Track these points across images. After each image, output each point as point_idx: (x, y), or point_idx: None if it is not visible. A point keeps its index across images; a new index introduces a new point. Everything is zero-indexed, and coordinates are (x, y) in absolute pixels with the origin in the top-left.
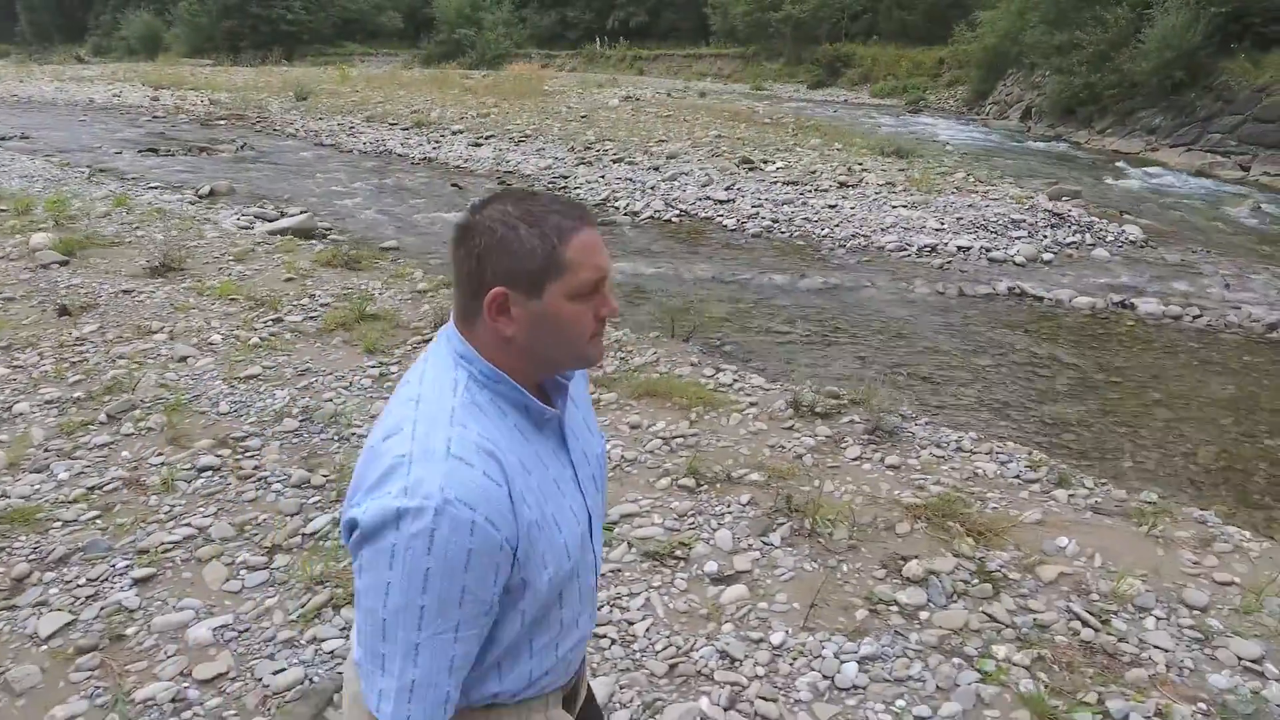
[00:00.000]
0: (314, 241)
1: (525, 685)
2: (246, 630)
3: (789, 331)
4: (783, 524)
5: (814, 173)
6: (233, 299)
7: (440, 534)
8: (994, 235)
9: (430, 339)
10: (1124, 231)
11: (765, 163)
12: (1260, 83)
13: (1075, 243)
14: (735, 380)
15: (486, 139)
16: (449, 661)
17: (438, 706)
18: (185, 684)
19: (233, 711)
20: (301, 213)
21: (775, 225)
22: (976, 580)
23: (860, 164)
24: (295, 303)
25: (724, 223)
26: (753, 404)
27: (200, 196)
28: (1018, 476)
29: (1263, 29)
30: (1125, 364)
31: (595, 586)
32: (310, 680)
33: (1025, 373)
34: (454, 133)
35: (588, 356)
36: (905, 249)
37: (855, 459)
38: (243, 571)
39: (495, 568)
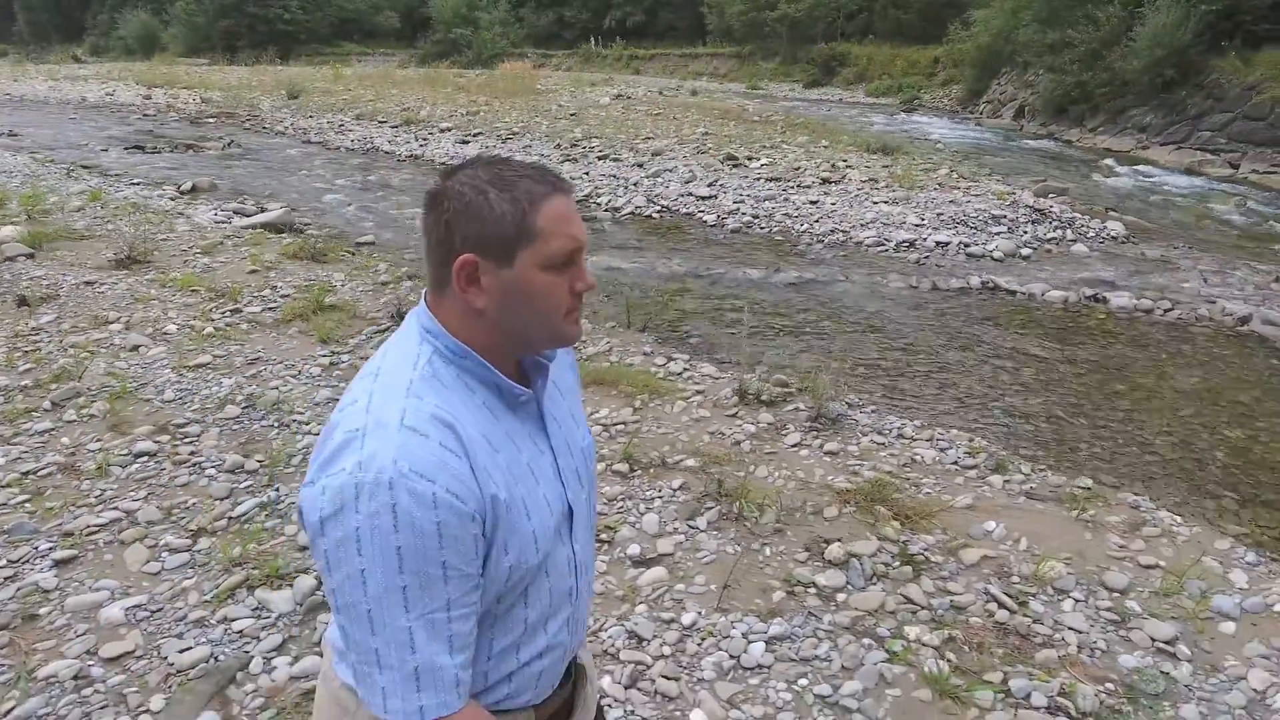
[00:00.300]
0: (283, 235)
1: (480, 690)
2: (159, 610)
3: (757, 325)
4: (711, 508)
5: (798, 169)
6: (194, 290)
7: (402, 508)
8: (973, 231)
9: (387, 328)
10: (1106, 227)
11: (750, 160)
12: (1250, 81)
13: (1056, 238)
14: (685, 369)
15: (474, 136)
16: (447, 642)
17: (449, 690)
18: (90, 662)
19: (134, 689)
20: (280, 208)
21: (755, 221)
22: (898, 563)
23: (845, 161)
24: (256, 294)
25: (704, 219)
26: (699, 392)
27: (181, 192)
28: (955, 462)
29: (1253, 27)
30: (1092, 356)
31: (575, 594)
32: (215, 659)
33: (991, 365)
34: (442, 130)
35: (564, 334)
36: (883, 244)
37: (794, 445)
38: (165, 554)
39: (473, 539)
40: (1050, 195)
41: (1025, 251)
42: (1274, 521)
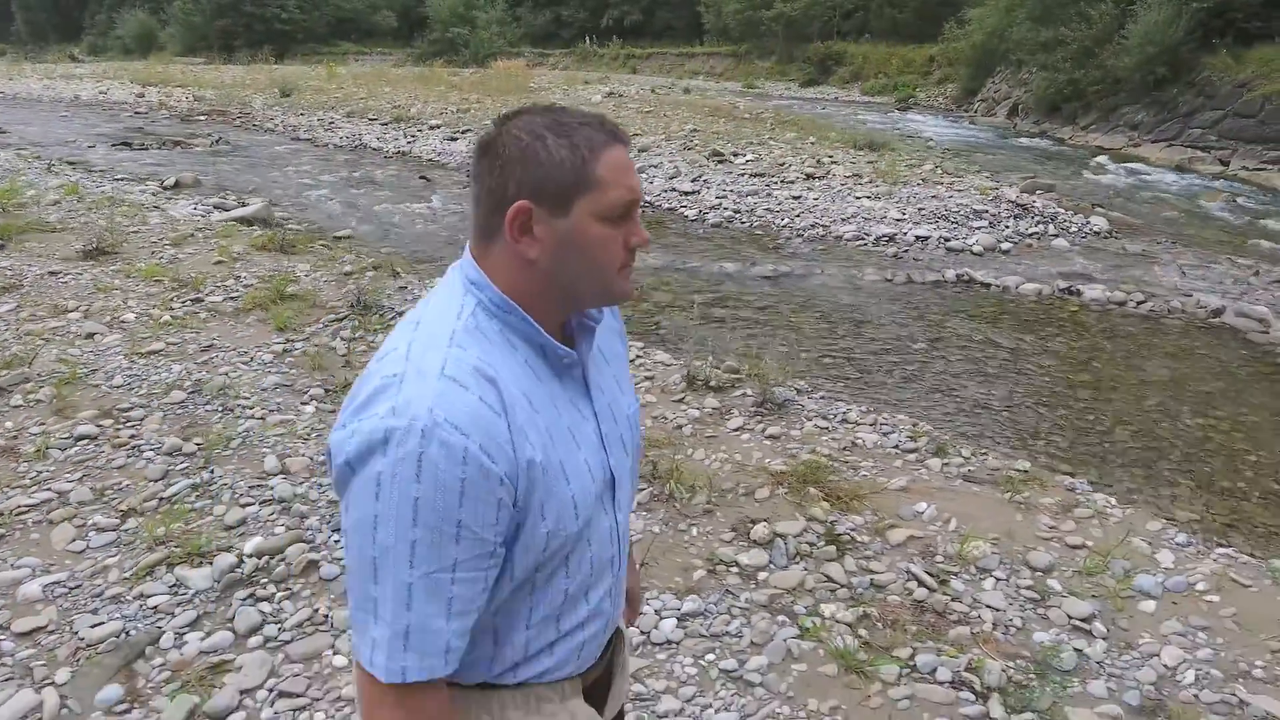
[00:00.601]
0: (254, 228)
1: (522, 659)
2: (78, 587)
3: (726, 316)
4: (643, 489)
5: (783, 165)
6: (157, 280)
7: (429, 458)
8: (954, 225)
9: (345, 317)
10: (1089, 223)
11: (735, 156)
12: (1241, 78)
13: (1037, 233)
14: (638, 356)
15: (463, 133)
16: (446, 604)
17: (437, 655)
18: (1, 636)
19: (41, 662)
20: (259, 203)
21: (737, 216)
22: (823, 542)
23: (830, 156)
24: (219, 284)
25: (685, 213)
26: (649, 378)
27: (164, 188)
28: (897, 446)
29: (1245, 24)
30: (1060, 348)
31: (615, 563)
32: (127, 634)
33: (958, 355)
34: (431, 127)
35: (616, 289)
36: (863, 238)
37: (736, 429)
38: (92, 533)
39: (496, 504)
40: (1038, 192)
41: (1005, 246)
42: (1225, 508)
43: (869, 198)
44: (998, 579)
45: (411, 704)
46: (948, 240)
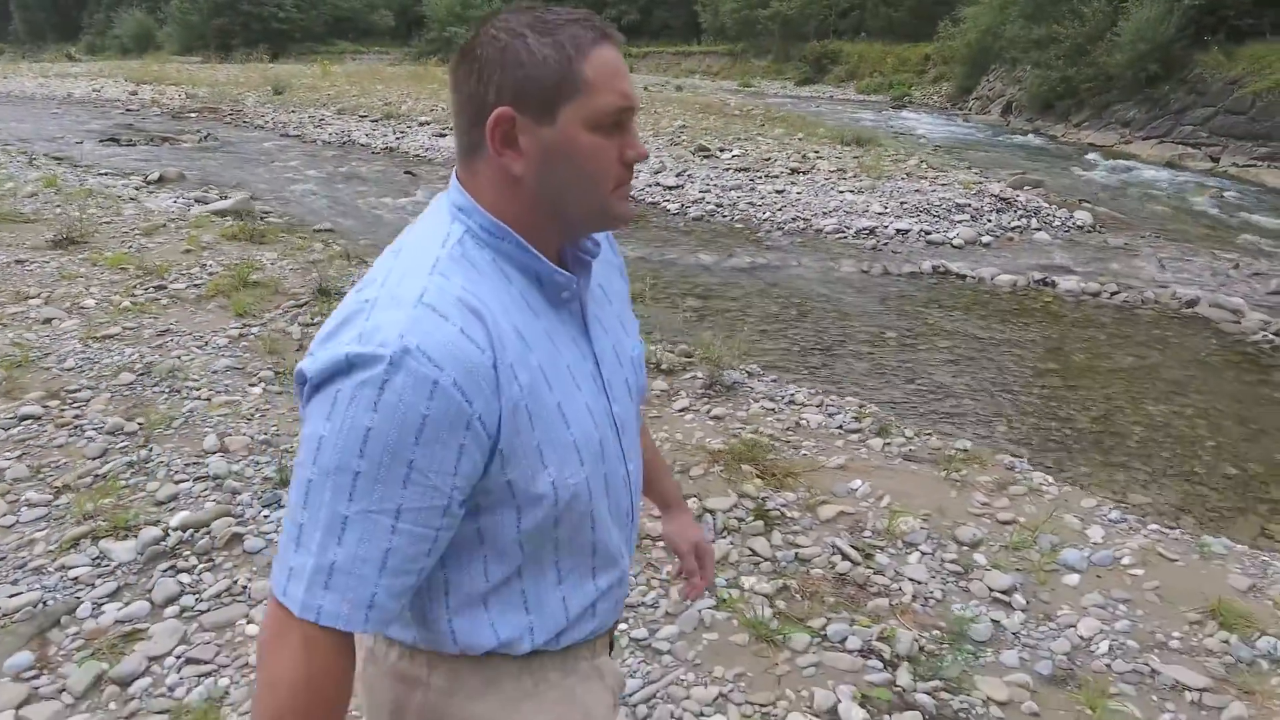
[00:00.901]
0: (226, 218)
1: (564, 623)
2: (2, 559)
3: (697, 306)
4: None
5: (768, 160)
6: (123, 268)
7: (392, 387)
8: (936, 219)
9: (306, 303)
10: (1073, 217)
11: (721, 151)
12: (1233, 75)
13: (1019, 227)
14: None
15: (451, 129)
16: (382, 554)
17: (358, 607)
18: None
19: None
20: (240, 196)
21: (719, 209)
22: (751, 518)
23: (816, 152)
24: (184, 271)
25: (668, 207)
26: None
27: (148, 182)
28: (840, 427)
29: (1236, 21)
30: (1031, 337)
31: (631, 513)
32: (44, 604)
33: (927, 344)
34: (420, 124)
35: (612, 210)
36: (843, 232)
37: (681, 410)
38: (23, 508)
39: (458, 450)
40: (1025, 187)
41: (986, 239)
42: (1180, 491)
43: (852, 192)
44: (923, 553)
45: (317, 652)
46: (928, 234)
